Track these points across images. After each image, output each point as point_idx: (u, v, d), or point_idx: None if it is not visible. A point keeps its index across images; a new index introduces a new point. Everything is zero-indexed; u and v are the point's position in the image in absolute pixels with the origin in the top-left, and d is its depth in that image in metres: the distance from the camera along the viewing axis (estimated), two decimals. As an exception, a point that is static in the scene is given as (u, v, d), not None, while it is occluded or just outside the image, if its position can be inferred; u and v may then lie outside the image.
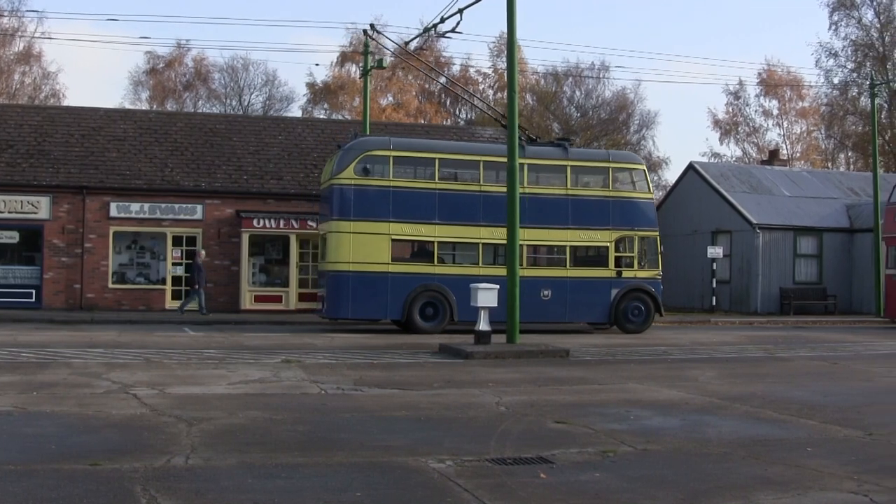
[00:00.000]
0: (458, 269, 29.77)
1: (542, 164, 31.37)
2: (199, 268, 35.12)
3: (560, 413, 13.01)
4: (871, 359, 23.26)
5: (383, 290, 28.76)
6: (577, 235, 30.87)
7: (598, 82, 69.05)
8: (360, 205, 29.17)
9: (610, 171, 31.62)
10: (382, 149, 29.76)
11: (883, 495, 8.60)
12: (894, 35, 66.26)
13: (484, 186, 30.25)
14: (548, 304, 30.43)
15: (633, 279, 31.18)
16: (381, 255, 29.03)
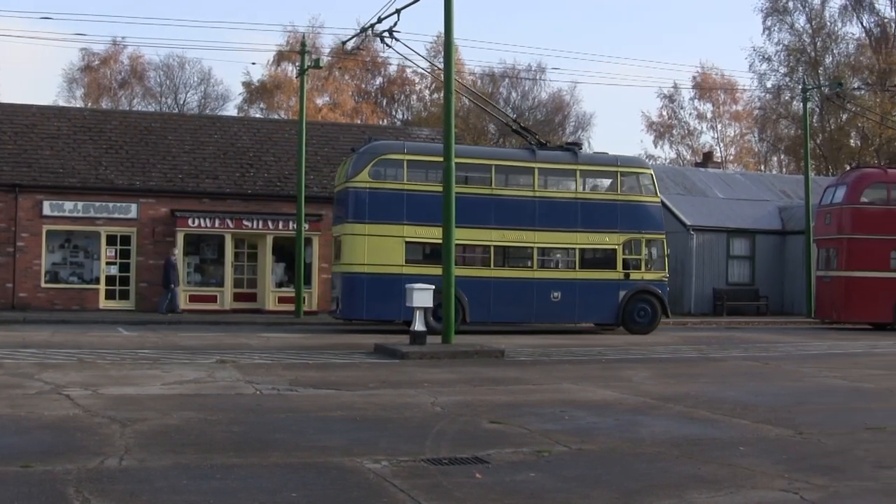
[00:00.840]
0: (471, 271, 30.14)
1: (551, 168, 31.88)
2: (173, 266, 35.08)
3: (495, 413, 13.05)
4: (801, 359, 23.53)
5: (397, 291, 28.30)
6: (586, 238, 31.38)
7: (534, 83, 69.42)
8: (374, 207, 29.64)
9: (618, 174, 32.22)
10: (397, 152, 30.45)
11: (813, 493, 8.72)
12: (826, 40, 67.15)
13: (495, 190, 30.83)
14: (557, 305, 30.96)
15: (640, 281, 31.71)
16: (395, 257, 29.45)
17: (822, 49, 67.53)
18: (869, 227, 35.51)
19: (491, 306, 30.45)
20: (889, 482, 9.32)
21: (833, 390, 17.00)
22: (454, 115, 24.38)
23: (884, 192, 37.14)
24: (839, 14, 67.78)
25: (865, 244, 35.17)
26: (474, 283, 29.81)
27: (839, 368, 20.91)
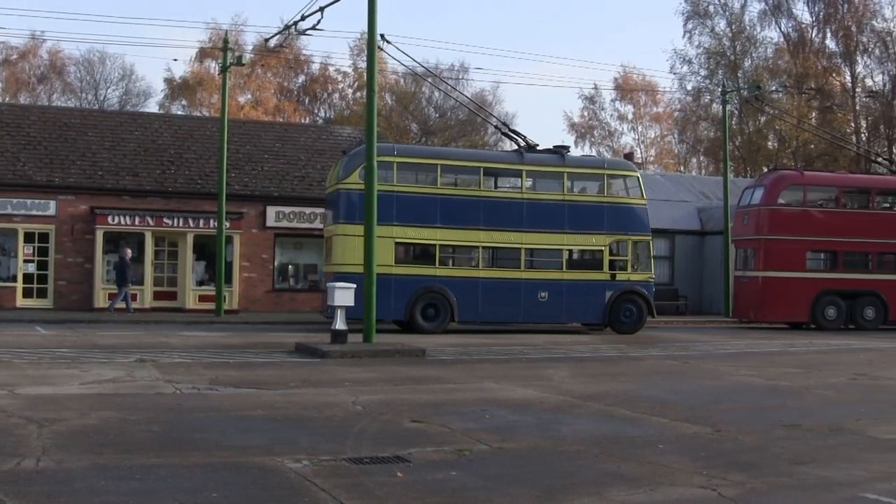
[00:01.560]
0: (459, 272, 30.78)
1: (539, 170, 32.35)
2: (127, 265, 34.77)
3: (417, 412, 13.05)
4: (719, 358, 23.80)
5: (387, 291, 28.85)
6: (573, 239, 31.86)
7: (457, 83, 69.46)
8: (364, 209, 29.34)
9: (605, 177, 32.76)
10: (387, 155, 30.26)
11: (731, 489, 8.82)
12: (745, 44, 68.03)
13: (484, 192, 31.35)
14: (545, 306, 31.33)
15: (626, 282, 32.08)
16: (385, 257, 29.15)
17: (742, 53, 68.39)
18: (786, 228, 36.03)
19: (479, 306, 30.83)
20: (804, 478, 9.45)
21: (750, 388, 17.21)
22: (377, 114, 24.30)
23: (800, 194, 37.69)
24: (758, 18, 68.80)
25: (782, 245, 35.67)
26: (462, 283, 30.42)
27: (756, 367, 21.18)
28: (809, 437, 11.92)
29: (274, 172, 41.17)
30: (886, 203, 39.40)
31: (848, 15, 67.22)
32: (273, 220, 39.80)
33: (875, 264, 37.44)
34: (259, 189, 40.12)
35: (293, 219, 40.05)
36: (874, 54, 67.89)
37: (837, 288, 36.82)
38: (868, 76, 68.67)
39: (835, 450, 11.05)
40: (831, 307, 36.68)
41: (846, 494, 8.85)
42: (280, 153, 42.42)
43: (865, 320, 36.86)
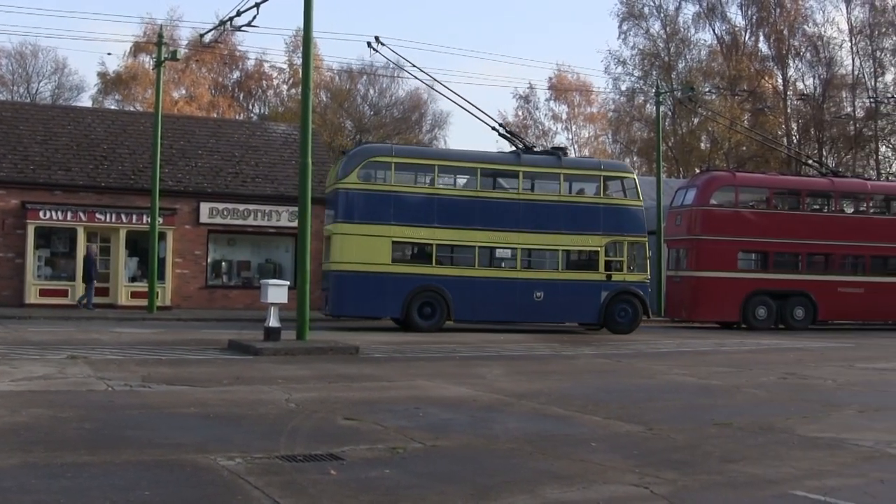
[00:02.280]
0: (456, 271, 31.10)
1: (536, 171, 32.67)
2: (93, 262, 34.48)
3: (350, 410, 13.03)
4: (652, 357, 23.99)
5: (384, 289, 29.95)
6: (569, 240, 32.11)
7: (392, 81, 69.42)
8: (363, 208, 30.46)
9: (601, 178, 33.03)
10: (385, 155, 31.28)
11: (663, 487, 8.90)
12: (679, 46, 68.56)
13: (480, 192, 31.64)
14: (541, 305, 31.59)
15: (622, 282, 32.31)
16: (383, 256, 30.19)
17: (676, 54, 68.94)
18: (717, 228, 36.36)
19: (475, 305, 31.11)
20: (734, 476, 9.55)
21: (682, 387, 17.35)
22: (312, 111, 24.22)
23: (732, 195, 38.07)
24: (692, 21, 69.45)
25: (714, 245, 36.01)
26: (459, 282, 30.75)
27: (688, 366, 21.35)
28: (740, 435, 12.04)
29: (208, 168, 40.89)
30: (816, 205, 39.88)
31: (780, 19, 68.02)
32: (207, 216, 39.54)
33: (805, 265, 37.91)
34: (193, 185, 39.83)
35: (227, 215, 39.81)
36: (805, 58, 68.85)
37: (768, 288, 37.26)
38: (799, 79, 69.64)
39: (765, 448, 11.17)
40: (762, 307, 37.11)
41: (776, 492, 8.95)
42: (214, 149, 42.14)
43: (795, 320, 37.32)
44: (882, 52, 67.92)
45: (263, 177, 41.37)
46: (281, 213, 40.19)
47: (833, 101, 68.17)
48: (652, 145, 57.39)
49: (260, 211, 40.15)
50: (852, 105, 68.11)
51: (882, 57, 67.95)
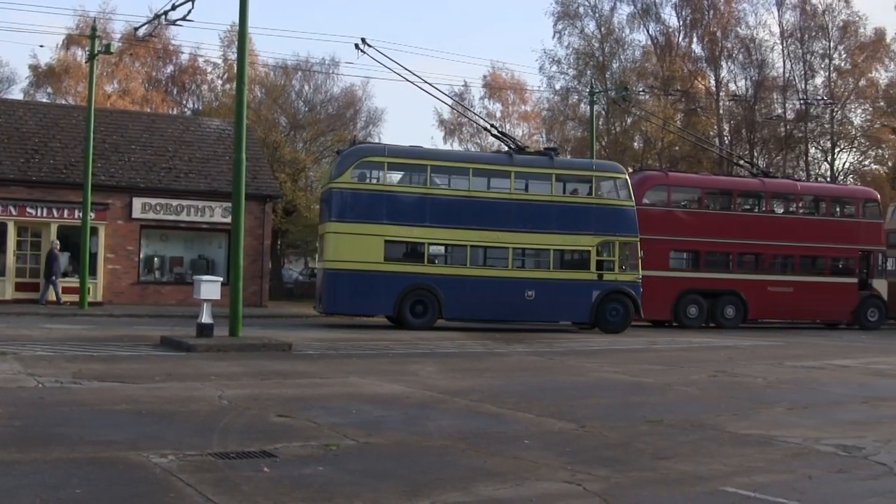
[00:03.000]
0: (447, 270, 31.49)
1: (528, 171, 32.88)
2: (55, 258, 34.11)
3: (283, 407, 12.99)
4: (584, 355, 24.09)
5: (377, 287, 30.32)
6: (560, 239, 32.41)
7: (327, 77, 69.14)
8: (356, 207, 30.74)
9: (593, 179, 33.35)
10: (378, 155, 31.70)
11: (595, 484, 8.96)
12: (614, 46, 68.79)
13: (473, 192, 31.81)
14: (532, 304, 31.81)
15: (613, 282, 32.63)
16: (376, 254, 30.51)
17: (610, 54, 69.14)
18: (650, 227, 36.54)
19: (467, 304, 31.41)
20: (666, 472, 9.64)
21: (614, 385, 17.46)
22: (246, 107, 24.09)
23: (664, 195, 38.42)
24: (627, 21, 69.63)
25: (647, 244, 36.24)
26: (451, 280, 31.07)
27: (620, 364, 21.51)
28: (672, 432, 12.14)
29: (141, 163, 40.57)
30: (747, 205, 40.34)
31: (714, 21, 68.53)
32: (139, 211, 39.23)
33: (735, 264, 38.33)
34: (125, 180, 39.49)
35: (160, 210, 39.52)
36: (738, 60, 69.38)
37: (699, 287, 37.69)
38: (732, 81, 70.17)
39: (696, 445, 11.28)
40: (693, 306, 37.51)
41: (707, 488, 9.05)
42: (147, 144, 41.81)
43: (726, 319, 37.75)
44: (812, 56, 68.70)
45: (197, 172, 41.11)
46: (214, 208, 39.96)
47: (764, 102, 68.81)
48: (585, 145, 57.54)
49: (193, 206, 39.90)
50: (783, 107, 68.81)
51: (812, 60, 68.73)
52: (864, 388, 18.02)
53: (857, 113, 69.45)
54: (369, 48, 31.94)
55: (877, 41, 68.04)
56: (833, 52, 68.06)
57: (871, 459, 10.75)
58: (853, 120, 69.14)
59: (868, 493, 9.20)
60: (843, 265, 40.75)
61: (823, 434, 12.29)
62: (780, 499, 8.69)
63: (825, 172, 68.28)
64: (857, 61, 67.39)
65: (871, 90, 67.71)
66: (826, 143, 68.77)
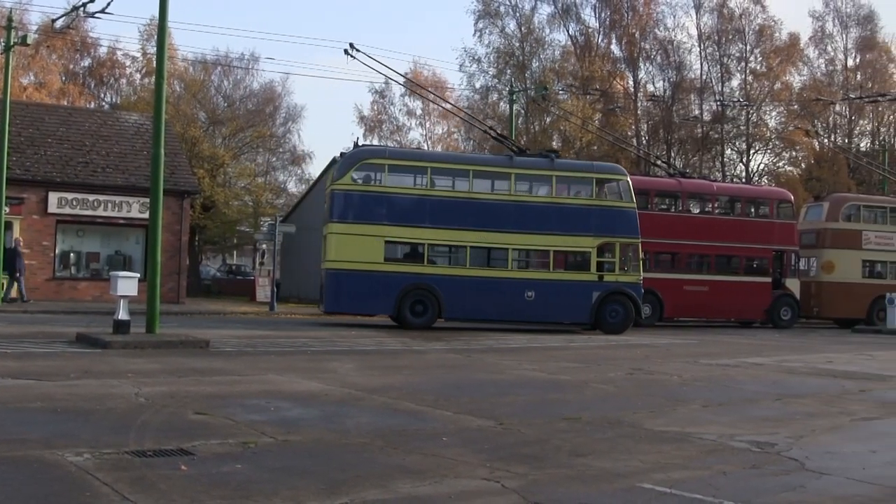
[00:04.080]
0: (447, 270, 31.78)
1: (528, 173, 33.09)
2: (19, 254, 33.60)
3: (201, 404, 12.90)
4: (501, 352, 24.20)
5: (377, 287, 30.68)
6: (561, 241, 32.58)
7: (246, 73, 68.79)
8: (357, 208, 31.14)
9: (594, 181, 33.46)
10: (379, 157, 32.03)
11: (513, 481, 9.01)
12: (534, 46, 69.15)
13: (473, 193, 32.09)
14: (531, 305, 31.98)
15: (613, 283, 32.77)
16: (376, 255, 30.91)
17: (530, 54, 69.49)
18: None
19: (466, 304, 31.64)
20: (584, 469, 9.71)
21: (532, 382, 17.56)
22: (165, 101, 23.88)
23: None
24: (547, 21, 70.09)
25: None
26: (450, 281, 31.34)
27: (538, 361, 21.63)
28: (589, 429, 12.24)
29: (57, 157, 40.07)
30: (664, 205, 40.74)
31: (632, 22, 69.19)
32: (55, 206, 38.78)
33: (652, 263, 38.62)
34: (41, 174, 38.98)
35: (76, 205, 39.09)
36: (656, 61, 70.18)
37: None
38: (650, 82, 70.95)
39: (613, 442, 11.38)
40: (611, 305, 37.77)
41: (624, 485, 9.13)
42: (64, 138, 41.31)
43: (642, 317, 38.08)
44: (729, 59, 69.67)
45: (114, 167, 40.70)
46: (132, 204, 39.60)
47: (681, 103, 69.63)
48: (505, 143, 57.74)
49: (110, 202, 39.51)
50: (700, 108, 69.67)
51: (729, 63, 69.69)
52: (776, 386, 18.30)
53: (772, 115, 70.70)
54: (359, 52, 32.71)
55: (791, 45, 69.28)
56: (749, 56, 69.18)
57: (783, 455, 10.94)
58: (768, 122, 70.36)
59: (780, 488, 9.35)
60: (757, 265, 41.32)
61: (738, 431, 12.47)
62: (696, 494, 8.80)
63: (740, 173, 69.36)
64: (772, 65, 68.54)
65: (785, 93, 68.82)
66: (741, 145, 69.86)
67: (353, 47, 32.68)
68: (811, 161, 70.27)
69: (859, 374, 21.20)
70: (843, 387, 18.54)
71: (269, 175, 70.37)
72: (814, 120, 69.86)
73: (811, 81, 71.75)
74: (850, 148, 69.29)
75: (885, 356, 27.15)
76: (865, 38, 73.23)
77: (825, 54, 74.00)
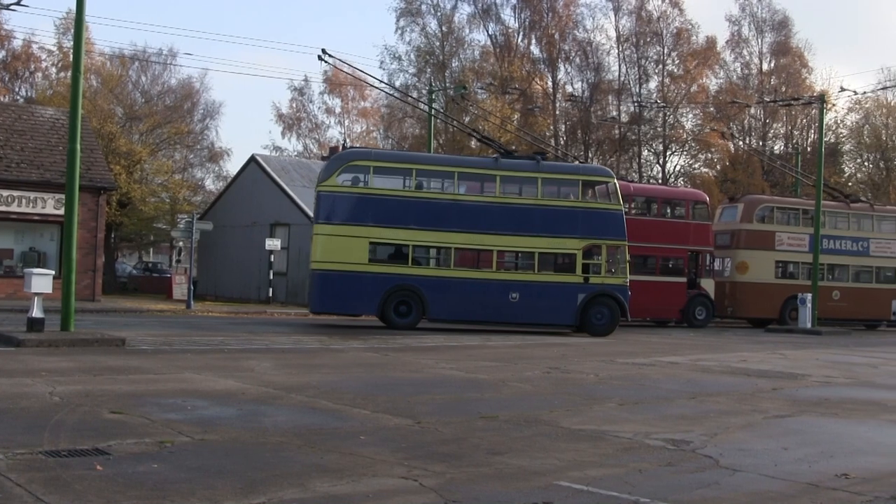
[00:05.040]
0: (431, 271, 31.92)
1: (513, 175, 32.97)
2: None
3: (116, 403, 12.78)
4: (419, 351, 24.23)
5: (362, 288, 30.89)
6: (545, 242, 32.55)
7: (164, 68, 68.20)
8: (342, 210, 31.28)
9: (580, 183, 33.44)
10: (364, 159, 32.07)
11: (431, 479, 9.05)
12: (454, 45, 69.35)
13: (457, 195, 32.33)
14: (516, 306, 32.11)
15: (599, 285, 32.77)
16: (361, 256, 31.07)
17: (450, 53, 69.73)
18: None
19: (450, 305, 31.85)
20: (501, 468, 9.77)
21: (450, 381, 17.60)
22: (82, 96, 23.58)
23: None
24: (468, 21, 70.39)
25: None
26: (434, 282, 31.53)
27: (455, 360, 21.69)
28: (506, 428, 12.31)
29: (-32, 152, 39.47)
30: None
31: (552, 24, 69.63)
32: (-34, 201, 38.20)
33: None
34: (-48, 169, 38.39)
35: (-12, 201, 38.53)
36: (575, 62, 70.72)
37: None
38: (569, 83, 71.44)
39: (530, 440, 11.46)
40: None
41: (541, 483, 9.20)
42: (-24, 132, 40.69)
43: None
44: (646, 61, 70.46)
45: (29, 162, 40.13)
46: (47, 200, 39.06)
47: (600, 104, 70.23)
48: (423, 142, 57.87)
49: (24, 197, 38.94)
50: (618, 109, 70.34)
51: (646, 65, 70.51)
52: (691, 385, 18.53)
53: (689, 117, 71.60)
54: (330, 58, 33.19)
55: (708, 49, 70.18)
56: (666, 58, 70.01)
57: (698, 453, 11.09)
58: (684, 124, 71.19)
59: (695, 484, 9.48)
60: (673, 265, 41.80)
61: (653, 429, 12.62)
62: (612, 492, 8.90)
63: (657, 174, 70.02)
64: (689, 68, 69.35)
65: (701, 95, 69.69)
66: (658, 146, 70.60)
67: (326, 52, 33.30)
68: (726, 163, 71.25)
69: (772, 373, 21.55)
70: (756, 385, 18.84)
71: (187, 172, 69.86)
72: (729, 122, 70.87)
73: (727, 84, 72.78)
74: (765, 150, 70.31)
75: (797, 355, 27.60)
76: (780, 42, 74.45)
77: (741, 58, 75.23)
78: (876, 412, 15.52)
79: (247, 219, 48.07)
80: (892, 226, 47.65)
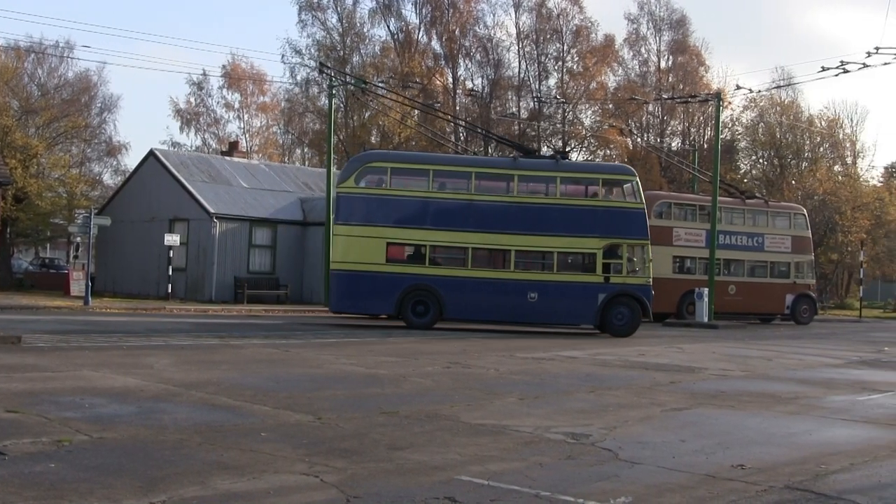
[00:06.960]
0: (448, 271, 31.93)
1: (531, 174, 33.00)
2: None
3: (12, 402, 12.58)
4: (319, 347, 24.20)
5: (379, 288, 31.16)
6: (564, 242, 32.49)
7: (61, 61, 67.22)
8: (360, 211, 31.57)
9: (600, 181, 33.62)
10: (381, 161, 32.59)
11: (332, 475, 9.06)
12: (355, 40, 69.29)
13: (474, 196, 32.25)
14: (534, 306, 32.03)
15: (620, 285, 32.55)
16: (378, 256, 31.39)
17: (351, 48, 69.66)
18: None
19: (467, 305, 31.88)
20: (402, 463, 9.81)
21: (350, 377, 17.59)
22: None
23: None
24: (369, 16, 70.44)
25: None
26: (451, 282, 31.62)
27: (356, 356, 21.69)
28: (407, 423, 12.35)
29: None
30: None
31: (453, 20, 69.88)
32: None
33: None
34: None
35: None
36: (475, 58, 71.10)
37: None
38: (469, 79, 71.77)
39: (431, 435, 11.52)
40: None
41: (442, 477, 9.26)
42: None
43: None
44: (546, 57, 71.03)
45: (-82, 156, 39.33)
46: (-64, 195, 38.31)
47: (500, 100, 70.66)
48: (324, 137, 57.70)
49: (-87, 192, 38.15)
50: (517, 106, 70.77)
51: (546, 62, 71.07)
52: (590, 379, 18.74)
53: (588, 114, 72.32)
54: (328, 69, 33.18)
55: (606, 46, 70.99)
56: (566, 55, 70.61)
57: (597, 446, 11.24)
58: (584, 121, 71.85)
59: (595, 477, 9.61)
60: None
61: (553, 423, 12.75)
62: (513, 486, 8.99)
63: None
64: (588, 65, 70.06)
65: (600, 93, 70.44)
66: (558, 142, 71.05)
67: (323, 64, 33.50)
68: (625, 159, 71.96)
69: (669, 367, 21.88)
70: (653, 379, 19.12)
71: (85, 166, 68.90)
72: (628, 119, 71.83)
73: (625, 82, 73.75)
74: (662, 147, 71.30)
75: (694, 349, 28.04)
76: (678, 41, 75.64)
77: (639, 56, 76.37)
78: (770, 404, 15.85)
79: (145, 214, 47.52)
80: (786, 222, 48.57)
